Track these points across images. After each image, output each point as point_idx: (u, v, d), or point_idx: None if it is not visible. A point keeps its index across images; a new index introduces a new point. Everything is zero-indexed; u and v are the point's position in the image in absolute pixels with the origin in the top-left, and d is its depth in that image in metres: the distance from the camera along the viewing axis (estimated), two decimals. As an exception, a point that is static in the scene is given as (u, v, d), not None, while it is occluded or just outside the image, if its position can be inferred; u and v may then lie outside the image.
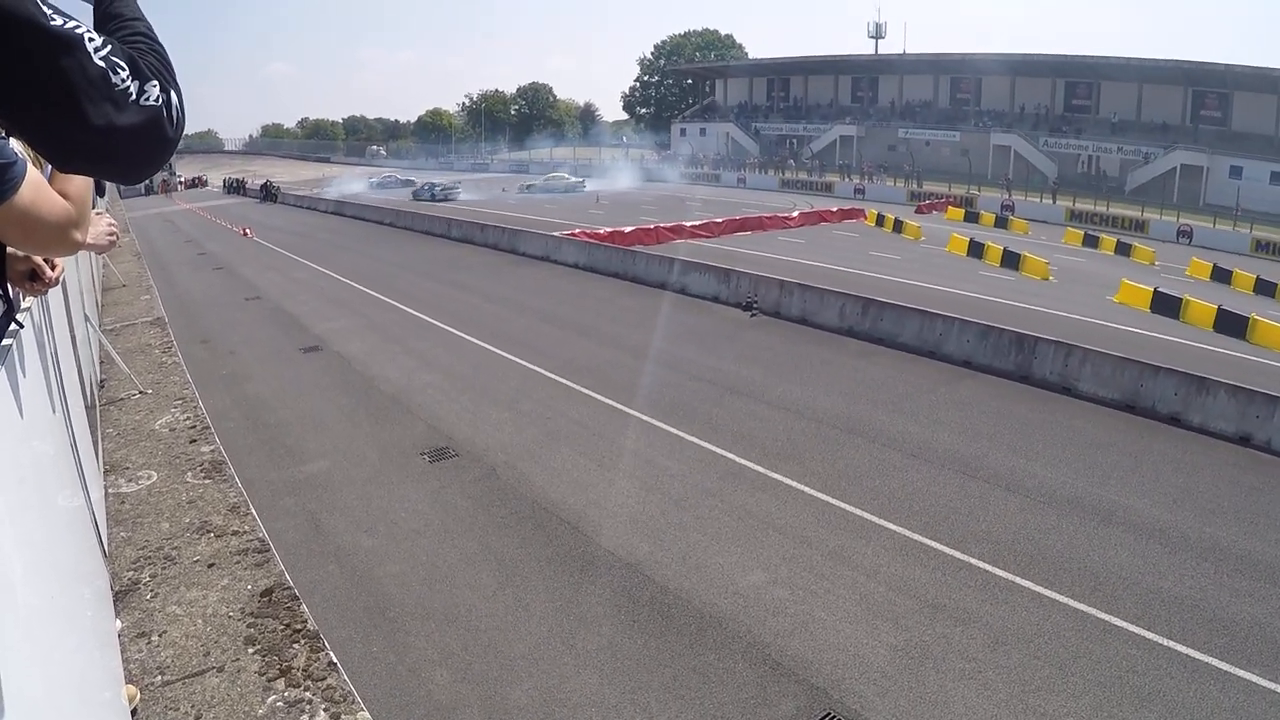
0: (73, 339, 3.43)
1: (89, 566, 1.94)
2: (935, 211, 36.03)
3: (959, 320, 12.31)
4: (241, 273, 20.91)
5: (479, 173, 61.46)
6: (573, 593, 6.00)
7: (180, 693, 2.10)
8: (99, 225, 2.05)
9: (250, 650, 2.26)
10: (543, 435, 9.07)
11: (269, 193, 46.25)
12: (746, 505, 7.42)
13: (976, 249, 23.59)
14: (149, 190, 53.45)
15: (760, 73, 61.39)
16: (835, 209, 32.73)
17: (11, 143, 1.03)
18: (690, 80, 72.13)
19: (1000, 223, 32.62)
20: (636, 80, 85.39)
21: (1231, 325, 15.16)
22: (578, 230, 24.30)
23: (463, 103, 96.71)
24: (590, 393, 10.46)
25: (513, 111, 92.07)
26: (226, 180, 57.29)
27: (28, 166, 1.04)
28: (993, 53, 46.88)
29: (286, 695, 2.08)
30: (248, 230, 30.03)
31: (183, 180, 60.84)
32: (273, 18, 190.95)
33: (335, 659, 2.23)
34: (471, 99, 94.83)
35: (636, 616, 5.70)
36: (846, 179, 45.51)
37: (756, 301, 15.37)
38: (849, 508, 7.36)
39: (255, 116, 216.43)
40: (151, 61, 1.06)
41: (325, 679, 2.13)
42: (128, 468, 3.56)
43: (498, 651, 5.30)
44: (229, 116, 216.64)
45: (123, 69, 0.99)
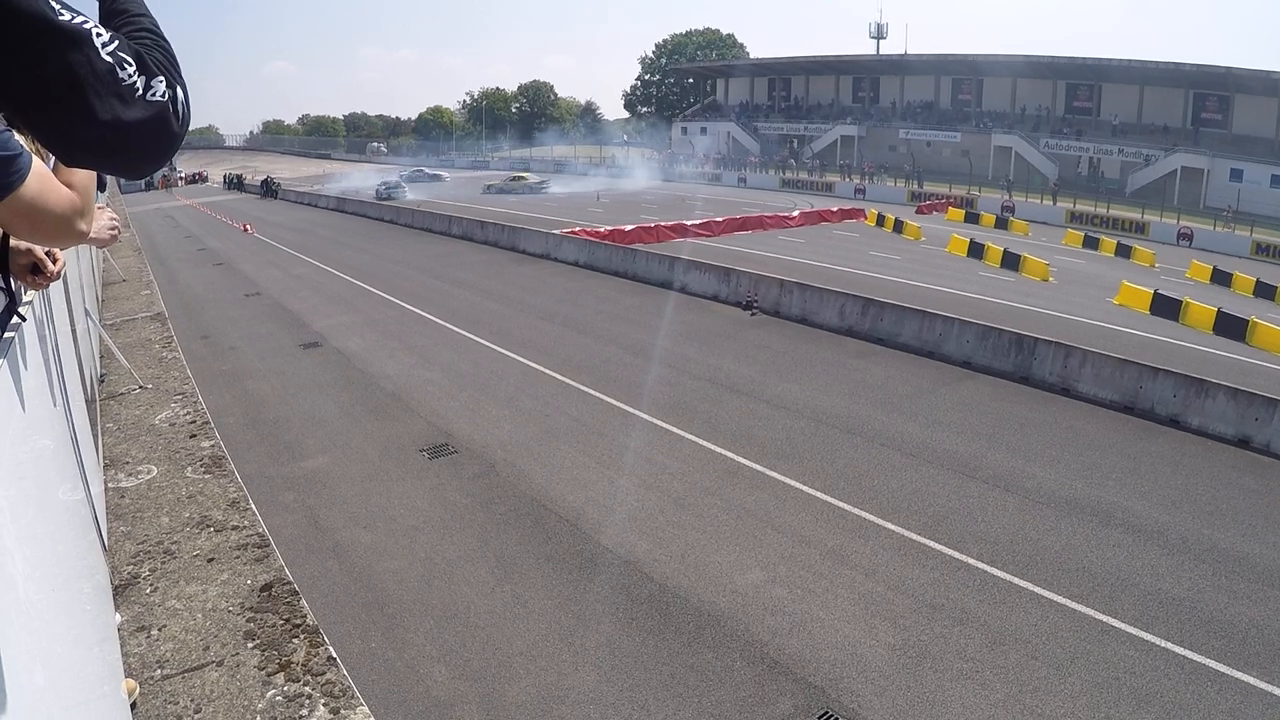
0: (73, 333, 3.43)
1: (89, 561, 1.94)
2: (936, 212, 36.03)
3: (959, 321, 12.32)
4: (241, 268, 20.91)
5: (477, 170, 61.43)
6: (571, 590, 6.01)
7: (180, 686, 2.10)
8: (101, 219, 2.05)
9: (250, 645, 2.26)
10: (542, 432, 9.07)
11: (269, 189, 46.24)
12: (745, 504, 7.42)
13: (977, 250, 23.58)
14: (149, 185, 53.37)
15: (761, 72, 61.29)
16: (836, 209, 32.72)
17: (15, 135, 1.03)
18: (691, 79, 72.08)
19: (1000, 224, 32.61)
20: (638, 79, 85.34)
21: (1231, 328, 15.17)
22: (578, 228, 24.31)
23: (464, 100, 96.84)
24: (590, 390, 10.46)
25: (514, 109, 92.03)
26: (227, 176, 57.28)
27: (33, 158, 1.04)
28: (994, 54, 46.76)
29: (286, 690, 2.08)
30: (248, 226, 30.02)
31: (183, 176, 60.91)
32: (274, 15, 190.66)
33: (335, 654, 2.23)
34: (472, 96, 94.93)
35: (635, 614, 5.71)
36: (847, 179, 45.51)
37: (757, 301, 15.37)
38: (848, 507, 7.37)
39: (256, 112, 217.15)
40: (158, 57, 1.06)
41: (325, 674, 2.14)
42: (127, 462, 3.56)
43: (496, 648, 5.31)
44: (230, 112, 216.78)
45: (129, 64, 0.99)
